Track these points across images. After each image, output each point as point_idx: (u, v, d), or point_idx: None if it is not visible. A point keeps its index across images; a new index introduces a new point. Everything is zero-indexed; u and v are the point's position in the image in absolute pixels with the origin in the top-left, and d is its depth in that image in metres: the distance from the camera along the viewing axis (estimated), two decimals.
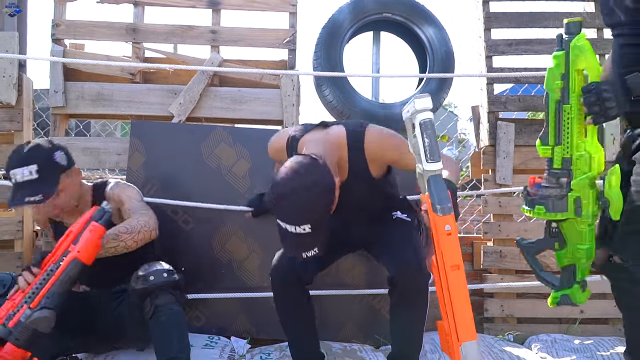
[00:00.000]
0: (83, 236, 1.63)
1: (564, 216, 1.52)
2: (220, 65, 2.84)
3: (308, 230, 1.50)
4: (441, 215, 1.37)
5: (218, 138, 2.56)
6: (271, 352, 2.32)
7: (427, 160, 1.40)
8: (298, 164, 1.56)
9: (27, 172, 1.75)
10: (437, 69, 3.01)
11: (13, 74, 2.72)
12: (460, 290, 1.35)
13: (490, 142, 2.94)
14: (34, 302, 1.56)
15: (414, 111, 1.41)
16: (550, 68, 1.54)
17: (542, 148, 1.56)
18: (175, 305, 1.80)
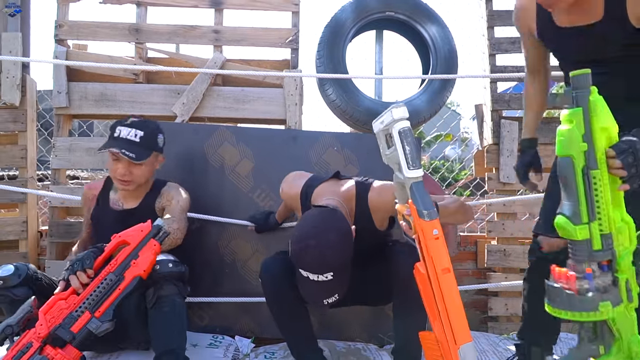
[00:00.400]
0: (144, 254, 1.67)
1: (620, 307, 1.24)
2: (223, 65, 2.84)
3: (330, 277, 1.59)
4: (428, 220, 1.35)
5: (221, 138, 2.56)
6: (275, 352, 2.32)
7: (408, 168, 1.38)
8: (319, 217, 1.68)
9: (133, 134, 1.98)
10: (440, 67, 3.00)
11: (17, 74, 2.73)
12: (453, 294, 1.33)
13: (494, 140, 2.94)
14: (99, 312, 1.60)
15: (391, 121, 1.39)
16: (565, 130, 1.28)
17: (579, 229, 1.23)
18: (178, 297, 1.80)
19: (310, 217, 1.69)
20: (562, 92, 1.39)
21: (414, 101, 2.97)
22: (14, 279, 1.75)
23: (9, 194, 2.71)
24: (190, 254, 1.92)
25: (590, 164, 1.25)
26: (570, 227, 1.24)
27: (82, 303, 1.60)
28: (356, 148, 2.61)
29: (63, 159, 2.78)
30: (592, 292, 1.21)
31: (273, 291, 1.91)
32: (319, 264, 1.58)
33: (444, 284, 1.32)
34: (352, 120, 2.96)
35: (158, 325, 1.75)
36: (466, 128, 18.04)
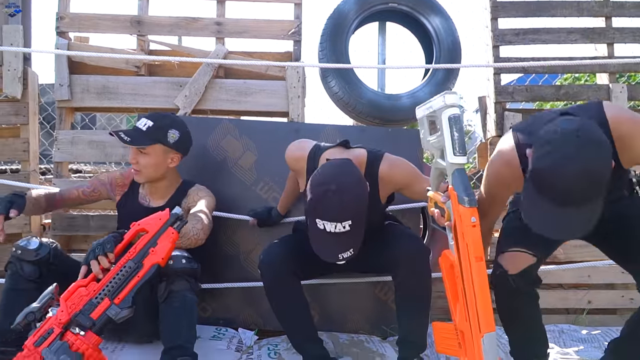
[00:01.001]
0: (163, 242, 1.70)
1: None
2: (226, 57, 2.83)
3: (348, 227, 1.57)
4: (468, 207, 1.35)
5: (224, 131, 2.55)
6: (278, 344, 2.32)
7: (454, 154, 1.38)
8: (339, 166, 1.67)
9: (143, 123, 2.03)
10: (444, 59, 2.99)
11: (18, 67, 2.73)
12: (484, 282, 1.33)
13: (497, 132, 2.93)
14: (118, 298, 1.62)
15: (442, 106, 1.39)
16: None
17: None
18: (190, 293, 1.80)
19: (329, 166, 1.68)
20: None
21: (417, 93, 2.96)
22: (30, 254, 1.78)
23: (12, 188, 2.71)
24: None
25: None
26: None
27: (101, 290, 1.62)
28: (359, 141, 2.58)
29: (65, 152, 2.77)
30: None
31: (272, 281, 1.92)
32: (338, 211, 1.56)
33: (476, 271, 1.32)
34: (355, 113, 2.95)
35: (168, 319, 1.76)
36: (469, 121, 18.00)
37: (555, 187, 1.29)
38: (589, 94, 2.99)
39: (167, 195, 2.16)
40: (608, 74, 3.01)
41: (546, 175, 1.30)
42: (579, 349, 2.31)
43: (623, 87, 2.93)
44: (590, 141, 1.28)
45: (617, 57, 2.98)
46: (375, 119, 2.91)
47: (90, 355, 1.55)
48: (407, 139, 2.59)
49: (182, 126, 2.15)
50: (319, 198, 1.58)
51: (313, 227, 1.62)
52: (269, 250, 1.95)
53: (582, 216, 1.31)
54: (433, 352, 2.26)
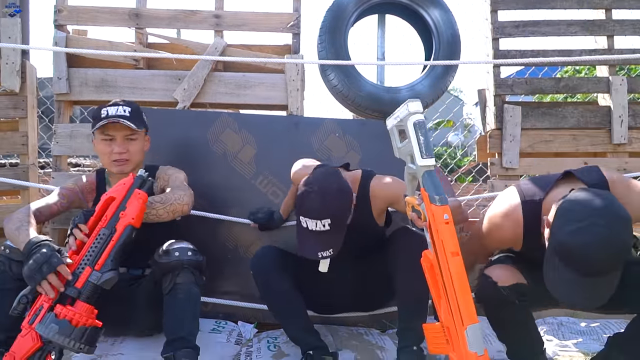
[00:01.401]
0: (131, 204, 1.73)
1: None
2: (224, 50, 2.82)
3: (327, 227, 1.71)
4: (439, 205, 1.42)
5: (224, 124, 2.55)
6: (278, 337, 2.33)
7: (422, 157, 1.46)
8: (324, 171, 1.86)
9: (122, 109, 2.00)
10: (443, 52, 2.97)
11: (16, 60, 2.72)
12: (461, 276, 1.38)
13: (497, 125, 2.92)
14: (98, 265, 1.66)
15: (407, 114, 1.48)
16: None
17: None
18: (195, 286, 1.80)
19: (318, 172, 1.86)
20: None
21: (416, 86, 2.95)
22: (19, 254, 1.76)
23: (11, 185, 2.70)
24: (192, 239, 1.92)
25: None
26: None
27: (81, 261, 1.66)
28: (358, 134, 2.60)
29: (64, 146, 2.77)
30: None
31: (264, 278, 2.01)
32: (318, 209, 1.71)
33: (453, 266, 1.38)
34: (354, 106, 2.94)
35: (171, 312, 1.76)
36: (469, 114, 18.01)
37: (586, 261, 1.34)
38: (589, 87, 2.98)
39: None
40: (608, 66, 3.00)
41: (577, 250, 1.35)
42: (577, 341, 2.32)
43: (623, 79, 2.92)
44: (618, 217, 1.36)
45: (617, 49, 2.98)
46: (374, 112, 2.91)
47: (79, 321, 1.58)
48: None
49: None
50: (303, 197, 1.75)
51: (299, 225, 1.77)
52: (260, 252, 2.08)
53: (607, 285, 1.37)
54: None
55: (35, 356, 1.59)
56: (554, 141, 2.94)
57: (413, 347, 1.84)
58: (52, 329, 1.55)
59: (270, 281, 2.02)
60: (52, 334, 1.54)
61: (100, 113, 2.00)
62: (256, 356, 2.13)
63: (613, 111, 2.90)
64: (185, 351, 1.69)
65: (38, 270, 1.60)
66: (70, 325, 1.57)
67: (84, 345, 1.58)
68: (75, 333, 1.56)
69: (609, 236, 1.33)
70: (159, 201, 1.86)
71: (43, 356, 1.60)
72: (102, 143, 2.01)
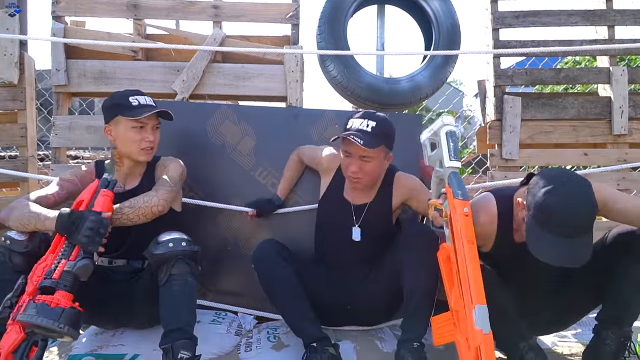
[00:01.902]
0: (99, 201, 1.79)
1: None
2: (223, 41, 2.81)
3: (372, 127, 1.96)
4: (461, 199, 1.61)
5: (223, 116, 2.54)
6: (278, 327, 2.34)
7: (450, 159, 1.66)
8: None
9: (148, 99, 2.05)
10: (443, 42, 2.96)
11: (14, 52, 2.71)
12: (475, 261, 1.53)
13: (497, 116, 2.92)
14: (72, 256, 1.70)
15: (441, 125, 1.71)
16: None
17: None
18: (190, 276, 1.80)
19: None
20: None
21: (416, 77, 2.94)
22: (19, 245, 1.78)
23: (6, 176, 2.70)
24: (192, 231, 1.92)
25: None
26: None
27: (57, 257, 1.70)
28: None
29: (63, 138, 2.76)
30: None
31: (266, 269, 2.04)
32: (374, 114, 2.04)
33: (468, 252, 1.54)
34: (354, 97, 2.93)
35: (167, 303, 1.76)
36: (469, 106, 17.98)
37: (564, 221, 1.50)
38: (589, 77, 2.97)
39: (140, 173, 2.12)
40: (609, 57, 2.99)
41: (555, 211, 1.51)
42: (576, 332, 2.32)
43: (624, 70, 2.91)
44: (583, 180, 1.56)
45: (617, 40, 2.96)
46: (374, 103, 2.90)
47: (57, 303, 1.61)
48: (406, 123, 2.58)
49: None
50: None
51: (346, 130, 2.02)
52: (261, 245, 2.11)
53: (586, 245, 1.53)
54: (431, 335, 2.28)
55: (20, 348, 1.61)
56: (554, 132, 2.93)
57: (414, 344, 1.83)
58: (31, 313, 1.58)
59: (271, 271, 2.04)
60: (31, 317, 1.57)
61: (129, 101, 2.00)
62: (256, 347, 2.14)
63: (613, 102, 2.89)
64: (183, 342, 1.69)
65: (97, 234, 1.71)
66: (48, 307, 1.60)
67: (64, 325, 1.59)
68: (53, 313, 1.59)
69: (580, 193, 1.52)
70: (128, 206, 1.87)
71: (28, 347, 1.62)
72: (132, 131, 2.00)
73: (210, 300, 2.48)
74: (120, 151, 2.05)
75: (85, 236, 1.69)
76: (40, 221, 1.78)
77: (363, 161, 2.00)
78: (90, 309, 2.00)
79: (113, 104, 2.02)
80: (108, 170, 2.08)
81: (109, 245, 2.07)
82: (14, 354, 1.60)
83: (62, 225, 1.72)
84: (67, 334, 1.61)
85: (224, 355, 2.08)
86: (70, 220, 1.72)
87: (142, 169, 2.12)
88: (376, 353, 2.07)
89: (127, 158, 2.06)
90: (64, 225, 1.72)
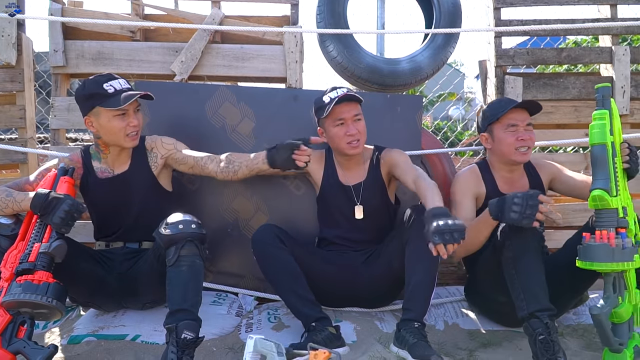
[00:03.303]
0: (61, 187, 1.86)
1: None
2: (222, 21, 2.78)
3: (346, 91, 2.11)
4: None
5: (222, 97, 2.53)
6: (278, 308, 2.35)
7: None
8: None
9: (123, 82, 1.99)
10: (444, 21, 2.93)
11: (12, 33, 2.68)
12: None
13: (498, 97, 2.89)
14: (45, 239, 1.74)
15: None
16: (599, 124, 1.73)
17: (613, 199, 1.66)
18: (198, 258, 1.81)
19: None
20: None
21: (417, 57, 2.91)
22: (6, 229, 1.81)
23: (10, 155, 2.70)
24: (192, 213, 1.92)
25: (614, 153, 1.71)
26: (608, 198, 1.65)
27: (29, 242, 1.74)
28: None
29: (62, 119, 2.75)
30: (627, 247, 1.62)
31: (264, 251, 2.06)
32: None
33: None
34: (354, 78, 2.91)
35: (174, 283, 1.77)
36: (470, 87, 17.88)
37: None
38: (592, 57, 2.94)
39: (127, 157, 2.10)
40: (611, 36, 2.96)
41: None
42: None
43: (626, 49, 2.88)
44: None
45: (620, 19, 2.93)
46: (374, 84, 2.88)
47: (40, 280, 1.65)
48: (406, 105, 2.57)
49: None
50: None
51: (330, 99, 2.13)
52: (260, 230, 2.12)
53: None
54: (431, 316, 2.30)
55: (7, 330, 1.63)
56: (555, 113, 2.91)
57: (415, 323, 1.85)
58: (16, 291, 1.61)
59: (270, 254, 2.05)
60: (18, 294, 1.60)
61: (105, 89, 1.94)
62: (257, 328, 2.15)
63: (615, 82, 2.87)
64: (188, 322, 1.70)
65: (72, 218, 1.75)
66: (33, 283, 1.63)
67: (52, 299, 1.63)
68: (40, 289, 1.63)
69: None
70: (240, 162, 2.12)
71: (15, 328, 1.64)
72: (115, 120, 1.96)
73: (210, 282, 2.49)
74: (106, 140, 2.03)
75: (60, 217, 1.73)
76: (16, 203, 1.81)
77: (357, 121, 2.14)
78: (91, 291, 2.02)
79: (89, 95, 1.96)
80: (95, 157, 2.08)
81: (107, 229, 2.09)
82: (2, 336, 1.61)
83: (38, 203, 1.75)
84: (55, 307, 1.64)
85: (225, 335, 2.09)
86: (47, 201, 1.74)
87: (130, 151, 2.10)
88: (376, 333, 2.09)
89: (113, 146, 2.04)
90: (40, 204, 1.74)
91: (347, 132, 2.12)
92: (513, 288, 1.77)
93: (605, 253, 1.61)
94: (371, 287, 2.18)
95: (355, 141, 2.13)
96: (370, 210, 2.23)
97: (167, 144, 2.15)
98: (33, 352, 1.59)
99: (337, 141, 2.16)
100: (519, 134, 2.09)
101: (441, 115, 7.39)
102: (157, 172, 2.12)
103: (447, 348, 2.00)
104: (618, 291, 1.65)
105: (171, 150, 2.14)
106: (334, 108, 2.08)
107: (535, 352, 1.67)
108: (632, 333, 1.67)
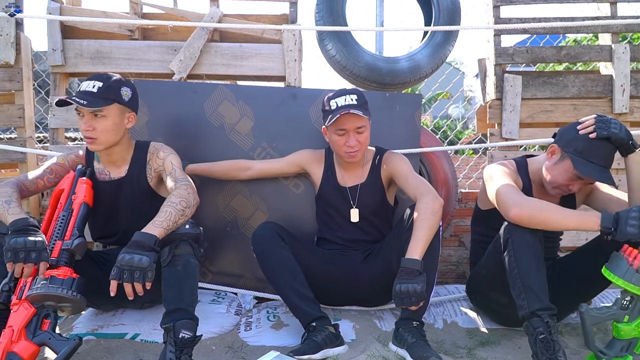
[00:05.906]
0: (80, 188, 1.93)
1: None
2: (221, 20, 2.78)
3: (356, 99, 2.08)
4: None
5: (221, 96, 2.52)
6: (278, 307, 2.35)
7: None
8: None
9: (91, 85, 1.91)
10: (443, 20, 2.93)
11: (11, 32, 2.68)
12: None
13: (497, 95, 2.89)
14: (66, 236, 1.80)
15: None
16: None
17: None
18: (193, 257, 1.81)
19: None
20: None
21: (416, 56, 2.91)
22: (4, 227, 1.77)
23: (9, 154, 2.70)
24: None
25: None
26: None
27: (51, 239, 1.80)
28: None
29: (61, 118, 2.75)
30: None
31: (264, 249, 2.05)
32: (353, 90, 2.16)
33: None
34: (353, 77, 2.91)
35: (170, 283, 1.77)
36: (470, 86, 17.88)
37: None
38: (591, 55, 2.94)
39: (126, 161, 2.06)
40: (611, 34, 2.95)
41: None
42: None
43: (626, 47, 2.88)
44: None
45: (620, 16, 2.92)
46: (373, 82, 2.87)
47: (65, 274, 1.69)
48: (405, 103, 2.57)
49: (130, 84, 2.02)
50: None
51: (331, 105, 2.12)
52: (260, 227, 2.12)
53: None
54: (430, 315, 2.30)
55: (32, 323, 1.66)
56: (554, 111, 2.91)
57: (413, 322, 1.85)
58: (43, 285, 1.64)
59: (270, 252, 2.05)
60: (45, 288, 1.63)
61: (79, 87, 1.96)
62: (256, 326, 2.15)
63: (615, 80, 2.87)
64: (185, 322, 1.70)
65: (27, 254, 1.64)
66: (59, 277, 1.66)
67: (77, 293, 1.66)
68: (65, 282, 1.66)
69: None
70: (166, 219, 1.75)
71: (39, 321, 1.67)
72: (79, 119, 1.95)
73: (209, 282, 2.49)
74: None
75: (15, 246, 1.62)
76: (3, 217, 1.75)
77: (358, 133, 2.10)
78: (90, 291, 2.02)
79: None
80: (95, 157, 2.08)
81: (103, 232, 2.13)
82: (27, 328, 1.65)
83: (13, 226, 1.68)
84: (79, 301, 1.67)
85: (224, 334, 2.09)
86: (18, 228, 1.67)
87: (128, 155, 2.06)
88: (375, 332, 2.09)
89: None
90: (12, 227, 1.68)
91: (347, 142, 2.10)
92: (514, 287, 1.77)
93: (630, 272, 1.62)
94: (370, 286, 2.18)
95: (354, 152, 2.12)
96: (367, 212, 2.23)
97: (159, 158, 2.05)
98: (58, 344, 1.63)
99: (336, 148, 2.16)
100: None
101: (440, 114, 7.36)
102: (154, 183, 2.07)
103: (446, 346, 2.00)
104: (630, 310, 1.66)
105: (159, 167, 2.05)
106: (340, 117, 2.06)
107: (535, 351, 1.67)
108: (628, 355, 1.66)
